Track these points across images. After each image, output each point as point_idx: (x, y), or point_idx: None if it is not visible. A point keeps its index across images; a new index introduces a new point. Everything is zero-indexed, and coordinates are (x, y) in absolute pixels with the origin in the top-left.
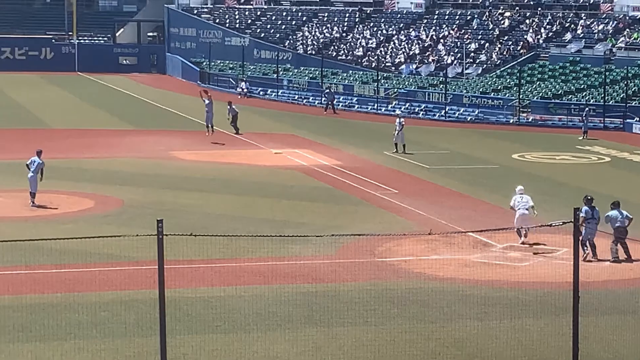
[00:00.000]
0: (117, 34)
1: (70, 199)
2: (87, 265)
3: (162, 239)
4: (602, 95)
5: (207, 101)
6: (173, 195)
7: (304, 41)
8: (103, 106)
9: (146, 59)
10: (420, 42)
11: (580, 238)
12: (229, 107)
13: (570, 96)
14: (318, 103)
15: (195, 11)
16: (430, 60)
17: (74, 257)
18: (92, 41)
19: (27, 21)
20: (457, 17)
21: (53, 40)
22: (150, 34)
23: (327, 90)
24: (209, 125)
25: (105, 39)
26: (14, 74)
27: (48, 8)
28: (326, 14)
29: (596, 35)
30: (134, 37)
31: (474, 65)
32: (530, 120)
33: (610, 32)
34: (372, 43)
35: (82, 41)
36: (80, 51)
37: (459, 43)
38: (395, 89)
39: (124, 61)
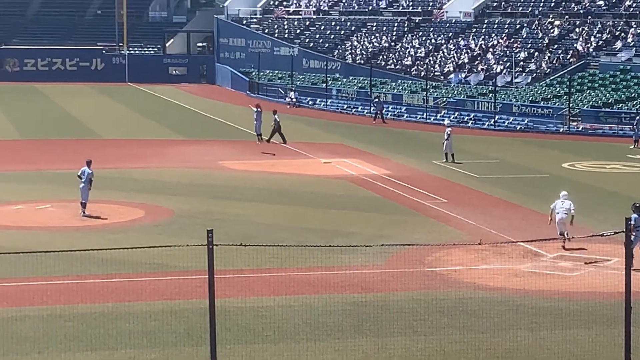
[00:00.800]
0: (167, 45)
1: (121, 209)
2: (137, 275)
3: (212, 249)
4: None
5: (256, 110)
6: (222, 205)
7: (353, 51)
8: (153, 116)
9: (196, 69)
10: (469, 51)
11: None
12: (274, 116)
13: (621, 105)
14: (367, 112)
15: (245, 21)
16: (479, 69)
17: (124, 266)
18: (142, 52)
19: (78, 32)
20: (507, 25)
21: (104, 51)
22: (200, 44)
23: (376, 100)
24: (259, 134)
25: (155, 49)
26: (65, 85)
27: (99, 19)
28: (375, 24)
29: None
30: (183, 47)
31: (524, 74)
32: (580, 129)
33: None
34: (421, 52)
35: (132, 52)
36: (131, 62)
37: (508, 52)
38: (444, 98)
39: (174, 71)
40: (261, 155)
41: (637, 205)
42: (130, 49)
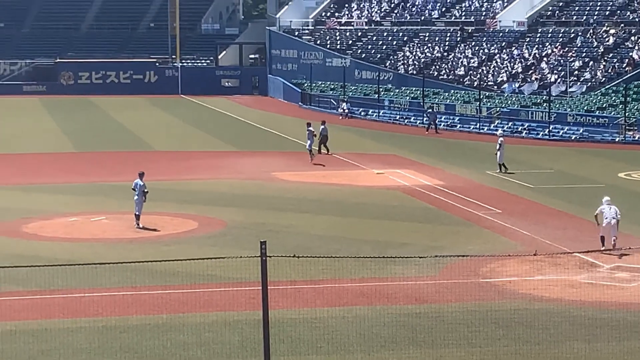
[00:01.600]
0: (219, 57)
1: (174, 220)
2: (191, 286)
3: (265, 260)
4: None
5: (307, 130)
6: (275, 217)
7: (405, 61)
8: (205, 128)
9: (248, 81)
10: (523, 60)
11: None
12: (323, 126)
13: None
14: (419, 123)
15: (297, 33)
16: (533, 78)
17: (178, 278)
18: (195, 64)
19: (131, 45)
20: (561, 34)
21: (157, 64)
22: (252, 56)
23: (430, 110)
24: (310, 151)
25: (208, 61)
26: (119, 97)
27: (152, 32)
28: (427, 34)
29: None
30: (235, 59)
31: (578, 83)
32: (636, 138)
33: None
34: (474, 62)
35: (185, 64)
36: (183, 74)
37: (562, 61)
38: (498, 108)
39: (226, 83)
40: (313, 166)
41: None
42: (183, 61)
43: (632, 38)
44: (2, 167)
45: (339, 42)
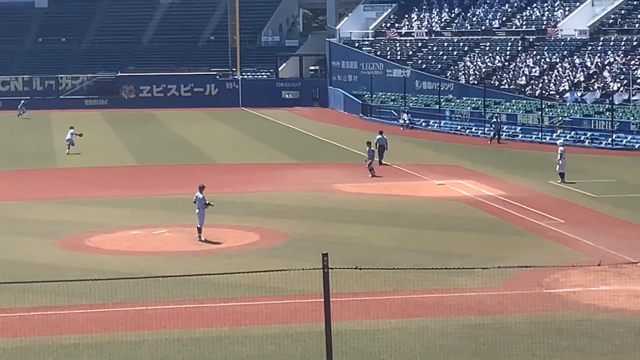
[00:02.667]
0: (279, 69)
1: (236, 232)
2: (253, 298)
3: (327, 272)
4: None
5: (369, 149)
6: (337, 228)
7: (466, 71)
8: (266, 140)
9: (308, 93)
10: (584, 69)
11: None
12: (380, 136)
13: None
14: (481, 133)
15: (357, 44)
16: (595, 87)
17: (240, 290)
18: (255, 76)
19: (192, 58)
20: (623, 43)
21: (217, 77)
22: (312, 67)
23: (494, 120)
24: (370, 168)
25: (268, 74)
26: (180, 110)
27: (212, 45)
28: (488, 43)
29: None
30: (296, 71)
31: None
32: None
33: None
34: (535, 71)
35: (245, 77)
36: (244, 86)
37: (624, 69)
38: (560, 117)
39: (287, 95)
40: (374, 177)
41: None
42: (244, 73)
43: None
44: (65, 181)
45: (399, 53)
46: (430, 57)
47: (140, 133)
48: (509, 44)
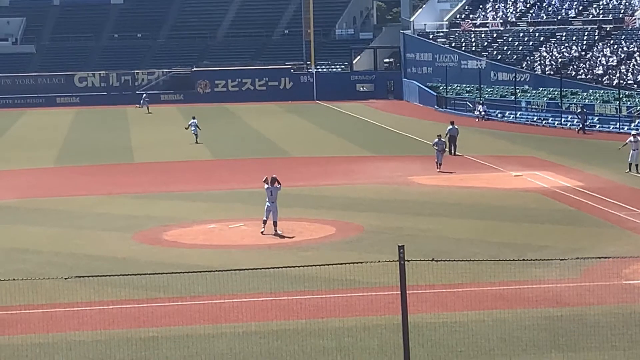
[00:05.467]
0: (354, 62)
1: (312, 225)
2: (329, 291)
3: (404, 264)
4: None
5: (438, 140)
6: (413, 221)
7: (542, 61)
8: (341, 133)
9: (383, 85)
10: None
11: None
12: (451, 126)
13: None
14: (557, 124)
15: (431, 36)
16: None
17: (316, 283)
18: (330, 69)
19: (266, 52)
20: None
21: (292, 70)
22: (387, 60)
23: (580, 110)
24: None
25: (342, 66)
26: (255, 105)
27: (286, 39)
28: (564, 33)
29: None
30: (370, 64)
31: None
32: None
33: None
34: (612, 61)
35: (319, 70)
36: (318, 80)
37: None
38: (638, 107)
39: (361, 88)
40: (450, 170)
41: None
42: (318, 67)
43: None
44: (142, 175)
45: (474, 44)
46: (505, 47)
47: (215, 128)
48: (586, 33)
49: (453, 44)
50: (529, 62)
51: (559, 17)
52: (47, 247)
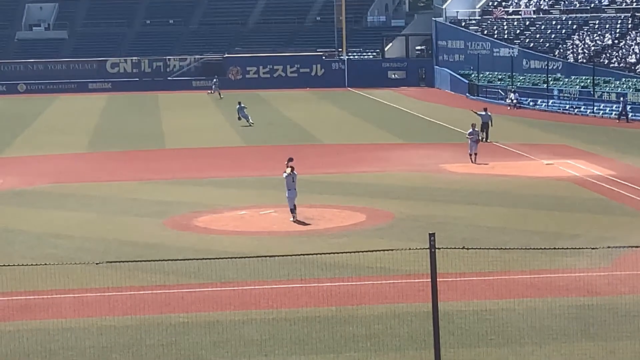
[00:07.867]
0: (385, 49)
1: (343, 213)
2: (360, 278)
3: (434, 252)
4: None
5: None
6: (444, 208)
7: (575, 49)
8: (373, 121)
9: (414, 73)
10: None
11: None
12: (484, 112)
13: None
14: (590, 112)
15: (463, 23)
16: None
17: (347, 270)
18: (361, 56)
19: (298, 39)
20: None
21: (323, 57)
22: (418, 47)
23: (622, 99)
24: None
25: (374, 54)
26: (286, 91)
27: (318, 26)
28: (597, 21)
29: None
30: (402, 51)
31: None
32: None
33: None
34: None
35: (351, 57)
36: (350, 67)
37: None
38: None
39: (393, 75)
40: (481, 157)
41: None
42: (350, 54)
43: None
44: (174, 161)
45: (506, 32)
46: (537, 35)
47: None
48: (619, 21)
49: (485, 32)
50: (561, 50)
51: (592, 5)
52: (78, 233)
